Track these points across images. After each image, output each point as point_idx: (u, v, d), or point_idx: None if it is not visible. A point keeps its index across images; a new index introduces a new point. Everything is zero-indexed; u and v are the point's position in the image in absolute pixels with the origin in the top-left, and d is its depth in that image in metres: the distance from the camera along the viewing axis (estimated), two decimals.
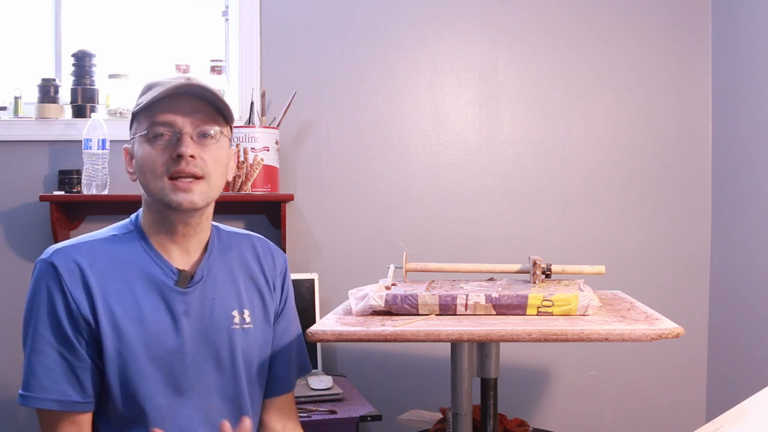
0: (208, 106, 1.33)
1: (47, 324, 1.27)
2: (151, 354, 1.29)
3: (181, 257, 1.37)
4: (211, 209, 1.39)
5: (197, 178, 1.30)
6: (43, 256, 1.30)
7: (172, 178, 1.29)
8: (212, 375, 1.35)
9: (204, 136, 1.32)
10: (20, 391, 1.27)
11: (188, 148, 1.29)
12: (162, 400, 1.30)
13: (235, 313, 1.39)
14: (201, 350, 1.34)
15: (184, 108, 1.30)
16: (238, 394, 1.38)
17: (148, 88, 1.34)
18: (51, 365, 1.26)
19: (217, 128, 1.33)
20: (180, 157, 1.28)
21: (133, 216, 1.40)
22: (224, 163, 1.36)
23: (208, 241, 1.41)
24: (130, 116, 1.37)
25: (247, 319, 1.40)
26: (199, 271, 1.37)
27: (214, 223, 1.44)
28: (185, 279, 1.34)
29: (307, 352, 1.55)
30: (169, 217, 1.33)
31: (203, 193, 1.31)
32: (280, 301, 1.48)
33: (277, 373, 1.47)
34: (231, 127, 1.40)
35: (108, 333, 1.28)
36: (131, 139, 1.35)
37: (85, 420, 1.29)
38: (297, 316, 1.54)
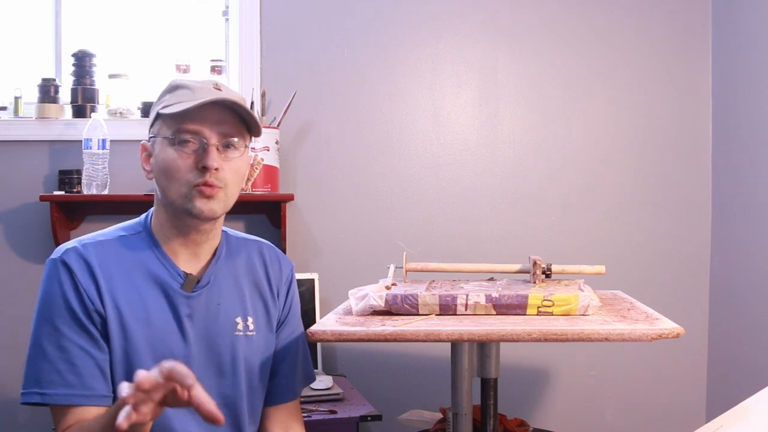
0: (236, 117, 1.32)
1: (66, 320, 1.26)
2: (157, 355, 1.29)
3: (190, 261, 1.37)
4: (223, 216, 1.38)
5: (217, 187, 1.30)
6: (54, 255, 1.31)
7: (195, 185, 1.29)
8: (213, 380, 1.35)
9: (228, 147, 1.32)
10: (36, 389, 1.25)
11: (214, 161, 1.28)
12: None
13: (239, 319, 1.39)
14: (204, 355, 1.34)
15: (213, 118, 1.30)
16: (236, 401, 1.38)
17: (175, 87, 1.33)
18: (75, 361, 1.26)
19: (241, 141, 1.33)
20: (205, 168, 1.28)
21: (142, 216, 1.40)
22: (242, 174, 1.36)
23: (218, 246, 1.41)
24: (152, 112, 1.35)
25: (251, 327, 1.40)
26: (205, 276, 1.37)
27: (224, 228, 1.44)
28: (191, 283, 1.34)
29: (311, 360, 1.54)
30: (184, 221, 1.33)
31: (221, 202, 1.32)
32: (283, 309, 1.48)
33: (280, 382, 1.46)
34: (252, 137, 1.39)
35: (115, 332, 1.28)
36: (151, 137, 1.35)
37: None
38: (302, 326, 1.53)
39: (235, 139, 1.33)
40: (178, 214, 1.32)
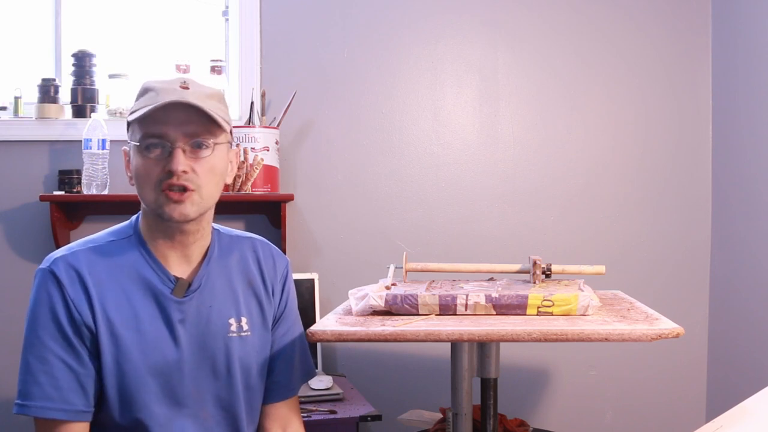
0: (203, 116, 1.29)
1: (51, 333, 1.26)
2: (149, 363, 1.29)
3: (181, 264, 1.36)
4: (210, 215, 1.37)
5: (188, 190, 1.28)
6: (43, 265, 1.29)
7: (164, 189, 1.27)
8: (208, 383, 1.35)
9: (197, 147, 1.29)
10: (19, 401, 1.26)
11: (180, 164, 1.26)
12: (158, 409, 1.30)
13: (232, 320, 1.38)
14: (197, 359, 1.34)
15: (177, 119, 1.27)
16: (233, 402, 1.37)
17: (144, 91, 1.32)
18: (56, 374, 1.25)
19: (210, 139, 1.30)
20: (171, 172, 1.26)
21: (132, 219, 1.39)
22: (219, 172, 1.33)
23: (209, 246, 1.40)
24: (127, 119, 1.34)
25: (245, 327, 1.39)
26: (196, 279, 1.36)
27: (216, 226, 1.43)
28: (182, 288, 1.33)
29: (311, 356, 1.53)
30: (165, 224, 1.32)
31: (195, 205, 1.29)
32: (278, 306, 1.47)
33: (278, 379, 1.45)
34: (230, 131, 1.36)
35: (106, 341, 1.27)
36: (129, 143, 1.34)
37: (85, 429, 1.28)
38: (300, 322, 1.52)
39: (208, 140, 1.30)
40: (157, 218, 1.32)
